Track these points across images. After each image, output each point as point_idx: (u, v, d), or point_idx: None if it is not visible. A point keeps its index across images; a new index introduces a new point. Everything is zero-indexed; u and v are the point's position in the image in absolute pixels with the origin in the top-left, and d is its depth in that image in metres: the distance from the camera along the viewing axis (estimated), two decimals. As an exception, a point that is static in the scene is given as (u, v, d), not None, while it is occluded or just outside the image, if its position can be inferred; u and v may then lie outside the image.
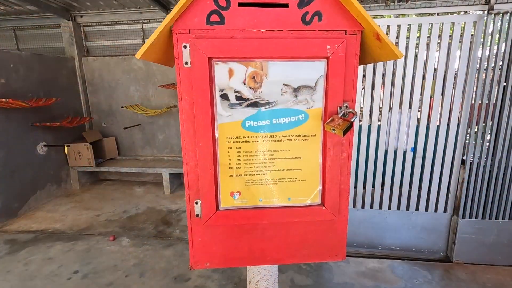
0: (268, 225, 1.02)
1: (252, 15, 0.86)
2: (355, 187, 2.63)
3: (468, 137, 2.37)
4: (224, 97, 0.90)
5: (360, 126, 2.49)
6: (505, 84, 2.22)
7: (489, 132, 2.32)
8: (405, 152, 2.48)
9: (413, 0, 2.91)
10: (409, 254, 2.64)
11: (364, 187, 2.60)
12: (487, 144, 2.34)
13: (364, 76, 2.40)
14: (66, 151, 4.15)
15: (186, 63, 0.86)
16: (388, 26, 2.28)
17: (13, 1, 3.93)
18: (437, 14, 2.34)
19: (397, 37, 2.37)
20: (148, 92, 4.61)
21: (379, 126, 2.47)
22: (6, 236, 3.12)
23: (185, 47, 0.85)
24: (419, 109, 2.40)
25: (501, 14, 2.12)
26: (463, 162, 2.42)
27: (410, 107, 2.39)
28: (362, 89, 2.43)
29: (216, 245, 1.02)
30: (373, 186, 2.58)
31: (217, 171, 0.95)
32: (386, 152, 2.50)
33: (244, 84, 0.89)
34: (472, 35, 2.19)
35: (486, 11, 2.16)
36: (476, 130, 2.35)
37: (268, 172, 0.97)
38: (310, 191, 1.00)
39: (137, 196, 4.22)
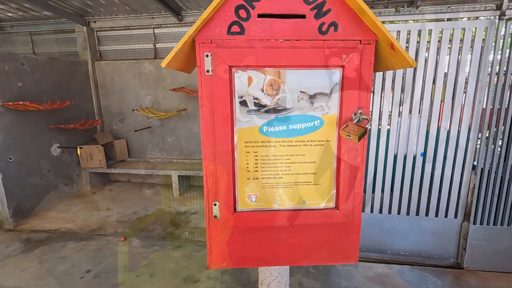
0: (283, 227, 1.05)
1: (271, 26, 0.90)
2: (364, 191, 2.63)
3: (479, 142, 2.36)
4: (243, 103, 0.94)
5: (369, 131, 2.49)
6: (517, 89, 2.22)
7: (501, 137, 2.31)
8: (414, 157, 2.48)
9: (424, 5, 2.93)
10: (418, 259, 2.63)
11: (373, 192, 2.61)
12: (499, 149, 2.33)
13: (373, 80, 2.41)
14: (78, 153, 4.25)
15: (207, 71, 0.90)
16: (398, 32, 2.30)
17: (30, 7, 4.07)
18: (447, 20, 2.34)
19: (407, 42, 2.38)
20: (158, 96, 4.69)
21: (388, 131, 2.48)
22: (20, 235, 3.21)
23: (207, 56, 0.89)
24: (429, 114, 2.40)
25: (512, 20, 2.13)
26: (474, 167, 2.41)
27: (419, 112, 2.39)
28: (371, 92, 2.44)
29: (232, 245, 1.05)
30: (382, 191, 2.58)
31: (235, 174, 0.98)
32: (395, 156, 2.50)
33: (263, 91, 0.93)
34: (483, 39, 2.20)
35: (497, 17, 2.16)
36: (487, 135, 2.34)
37: (284, 176, 1.00)
38: (325, 194, 1.02)
39: (147, 198, 4.29)
